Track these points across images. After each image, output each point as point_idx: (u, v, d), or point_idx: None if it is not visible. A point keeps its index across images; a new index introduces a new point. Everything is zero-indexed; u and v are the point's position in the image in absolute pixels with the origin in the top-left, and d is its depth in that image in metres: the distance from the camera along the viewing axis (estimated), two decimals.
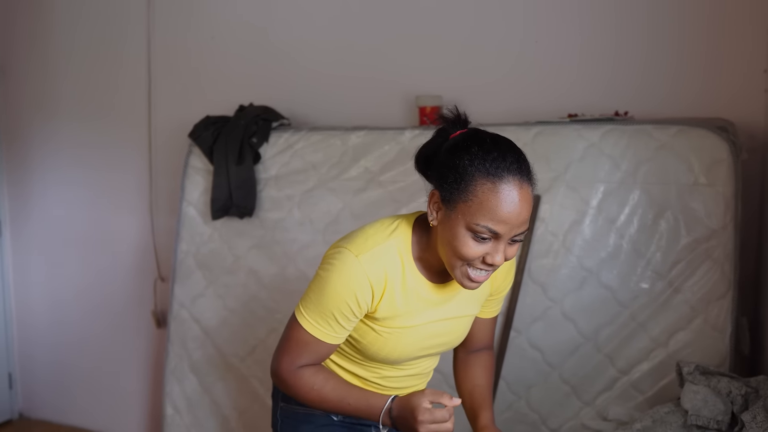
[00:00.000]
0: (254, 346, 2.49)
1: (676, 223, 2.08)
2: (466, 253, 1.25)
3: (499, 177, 1.20)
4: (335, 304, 1.32)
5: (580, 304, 2.12)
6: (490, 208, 1.20)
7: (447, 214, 1.26)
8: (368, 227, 1.39)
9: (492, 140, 1.26)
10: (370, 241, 1.34)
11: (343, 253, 1.32)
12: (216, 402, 2.56)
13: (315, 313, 1.33)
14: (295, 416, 1.53)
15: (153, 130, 3.18)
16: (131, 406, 3.43)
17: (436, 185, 1.29)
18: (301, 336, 1.35)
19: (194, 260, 2.65)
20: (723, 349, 2.02)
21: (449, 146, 1.29)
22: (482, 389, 1.56)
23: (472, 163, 1.22)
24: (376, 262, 1.32)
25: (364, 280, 1.31)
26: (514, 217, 1.21)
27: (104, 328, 3.45)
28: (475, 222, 1.21)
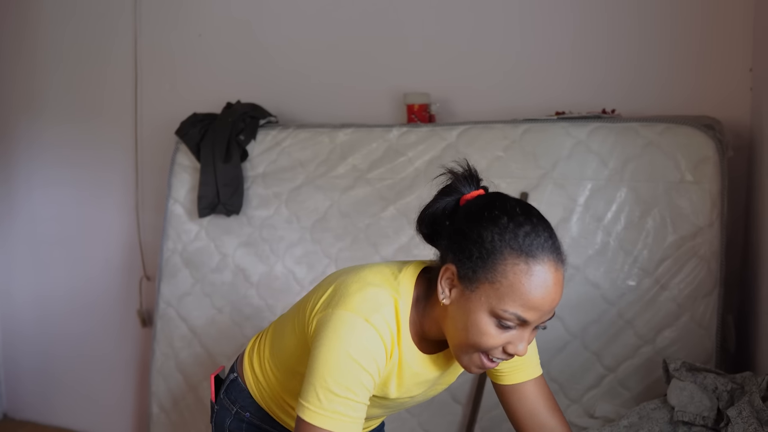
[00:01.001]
0: (242, 345, 2.48)
1: (662, 221, 2.08)
2: (486, 342, 1.08)
3: (534, 256, 1.04)
4: (352, 377, 1.09)
5: (568, 301, 2.12)
6: (521, 292, 1.03)
7: (465, 295, 1.08)
8: (366, 286, 1.16)
9: (522, 210, 1.09)
10: (373, 302, 1.13)
11: (346, 316, 1.11)
12: (203, 401, 2.54)
13: (328, 401, 1.08)
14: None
15: (140, 128, 3.16)
16: (117, 405, 3.41)
17: (453, 259, 1.10)
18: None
19: (181, 258, 2.63)
20: (709, 346, 2.03)
21: (468, 213, 1.11)
22: None
23: (502, 238, 1.05)
24: (384, 324, 1.12)
25: (377, 341, 1.11)
26: (547, 304, 1.06)
27: (90, 328, 3.42)
28: (503, 308, 1.04)
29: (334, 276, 1.28)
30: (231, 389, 1.43)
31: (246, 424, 1.40)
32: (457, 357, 1.15)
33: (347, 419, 1.09)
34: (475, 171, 1.18)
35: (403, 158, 2.36)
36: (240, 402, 1.41)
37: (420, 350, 1.20)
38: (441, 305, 1.14)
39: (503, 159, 2.24)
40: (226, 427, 1.41)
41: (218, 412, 1.45)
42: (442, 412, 2.23)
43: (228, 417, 1.42)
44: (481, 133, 2.29)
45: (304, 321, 1.23)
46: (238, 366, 1.45)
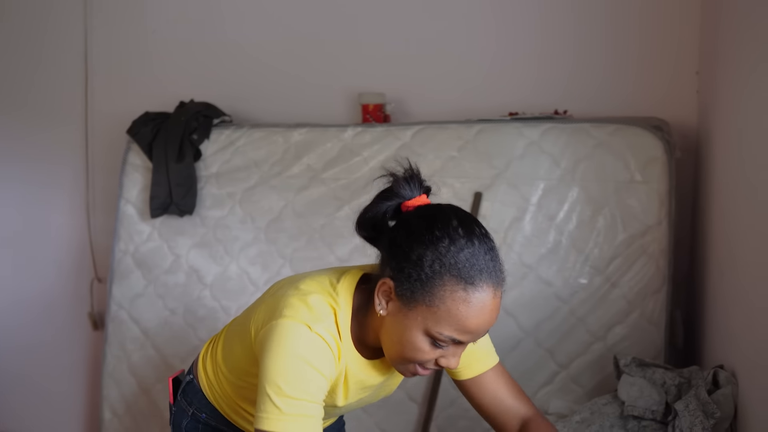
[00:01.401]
0: (196, 347, 2.44)
1: (613, 220, 2.13)
2: (419, 357, 1.09)
3: (473, 284, 1.03)
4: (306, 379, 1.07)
5: (521, 299, 2.15)
6: (458, 318, 1.03)
7: (401, 311, 1.08)
8: (306, 295, 1.14)
9: (463, 230, 1.06)
10: (314, 312, 1.11)
11: (290, 325, 1.09)
12: (156, 404, 2.50)
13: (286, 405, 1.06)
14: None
15: (90, 126, 3.09)
16: (67, 410, 3.33)
17: (391, 275, 1.09)
18: None
19: (133, 259, 2.58)
20: (658, 342, 2.08)
21: (408, 231, 1.09)
22: None
23: (442, 263, 1.03)
24: (327, 331, 1.11)
25: (324, 347, 1.10)
26: (482, 328, 1.06)
27: (38, 331, 3.33)
28: (438, 330, 1.05)
29: (275, 287, 1.27)
30: (187, 391, 1.41)
31: (202, 425, 1.39)
32: (392, 364, 1.16)
33: (307, 420, 1.07)
34: (418, 173, 1.16)
35: (358, 158, 2.35)
36: (196, 404, 1.39)
37: (362, 356, 1.20)
38: (378, 315, 1.13)
39: (457, 159, 2.25)
40: (182, 428, 1.40)
41: (176, 413, 1.43)
42: (398, 411, 2.24)
43: (185, 418, 1.40)
44: (435, 133, 2.30)
45: (249, 334, 1.21)
46: (194, 368, 1.43)
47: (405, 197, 1.14)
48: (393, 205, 1.14)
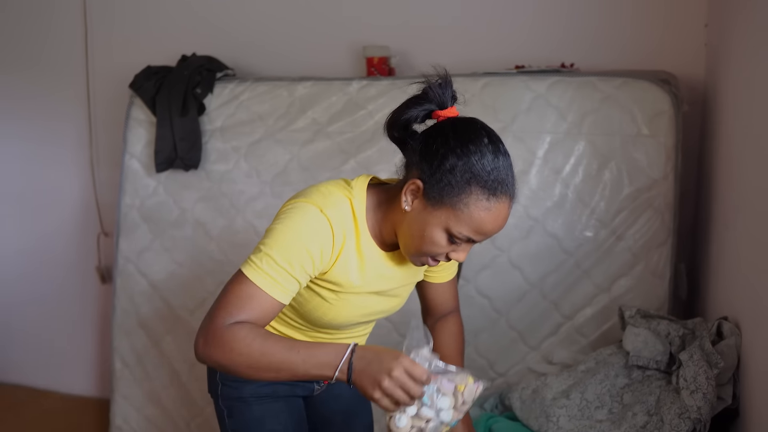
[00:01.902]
0: (203, 299, 2.47)
1: (619, 173, 2.13)
2: (435, 251, 1.22)
3: (495, 194, 1.16)
4: (294, 253, 1.19)
5: (527, 252, 2.17)
6: (478, 222, 1.16)
7: (426, 209, 1.19)
8: (323, 185, 1.29)
9: (493, 147, 1.18)
10: (330, 198, 1.25)
11: (304, 205, 1.23)
12: (166, 355, 2.54)
13: (267, 264, 1.18)
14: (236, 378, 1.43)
15: (91, 81, 3.07)
16: (78, 362, 3.39)
17: (421, 176, 1.19)
18: (244, 290, 1.19)
19: (139, 214, 2.59)
20: (662, 294, 2.10)
21: (443, 138, 1.19)
22: (451, 358, 1.48)
23: (472, 174, 1.15)
24: (338, 217, 1.24)
25: (327, 230, 1.22)
26: (495, 231, 1.20)
27: (47, 285, 3.37)
28: (458, 230, 1.17)
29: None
30: None
31: None
32: (406, 255, 1.28)
33: (276, 285, 1.19)
34: (451, 82, 1.25)
35: (363, 112, 2.35)
36: None
37: (379, 248, 1.32)
38: (401, 211, 1.24)
39: (463, 112, 2.22)
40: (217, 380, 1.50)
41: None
42: None
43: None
44: None
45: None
46: None
47: (437, 105, 1.24)
48: (425, 111, 1.24)
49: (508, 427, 1.73)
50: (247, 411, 1.48)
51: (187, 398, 2.52)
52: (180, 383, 2.52)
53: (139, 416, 2.61)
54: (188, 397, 2.51)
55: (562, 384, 1.79)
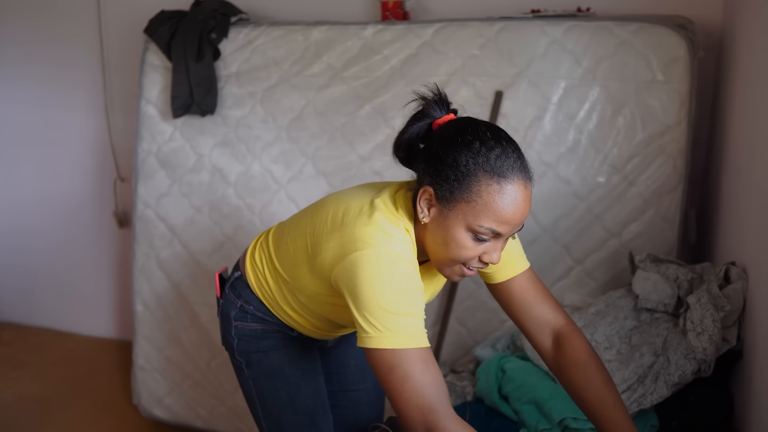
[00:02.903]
0: (222, 243, 2.53)
1: (633, 119, 2.14)
2: (465, 255, 1.19)
3: (505, 177, 1.13)
4: (408, 299, 1.15)
5: (539, 197, 2.19)
6: (495, 209, 1.13)
7: (443, 213, 1.18)
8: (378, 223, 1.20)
9: (491, 134, 1.17)
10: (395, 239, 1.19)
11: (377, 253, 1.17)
12: (185, 298, 2.61)
13: (392, 324, 1.12)
14: (253, 333, 1.51)
15: (104, 26, 3.07)
16: (100, 305, 3.48)
17: (430, 181, 1.19)
18: (401, 362, 1.11)
19: (156, 159, 2.63)
20: (672, 239, 2.14)
21: (441, 139, 1.19)
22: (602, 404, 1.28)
23: (476, 161, 1.14)
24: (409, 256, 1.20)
25: (414, 271, 1.19)
26: (518, 218, 1.16)
27: (65, 230, 3.43)
28: (479, 224, 1.15)
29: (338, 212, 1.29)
30: (235, 286, 1.53)
31: (250, 315, 1.51)
32: (440, 269, 1.25)
33: (415, 335, 1.14)
34: (445, 95, 1.25)
35: (379, 56, 2.35)
36: (244, 297, 1.51)
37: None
38: (422, 226, 1.23)
39: (478, 57, 2.25)
40: (231, 317, 1.52)
41: (223, 305, 1.55)
42: None
43: (233, 309, 1.52)
44: (456, 31, 2.28)
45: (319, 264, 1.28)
46: (242, 267, 1.54)
47: (435, 117, 1.24)
48: (425, 125, 1.25)
49: (520, 367, 1.78)
50: (266, 359, 1.52)
51: (207, 339, 2.60)
52: (200, 324, 2.60)
53: (160, 356, 2.70)
54: (208, 338, 2.59)
55: None
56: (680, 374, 1.56)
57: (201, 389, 2.64)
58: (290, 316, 1.47)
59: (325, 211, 1.33)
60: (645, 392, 1.59)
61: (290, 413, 1.52)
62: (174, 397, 2.69)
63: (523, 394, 1.69)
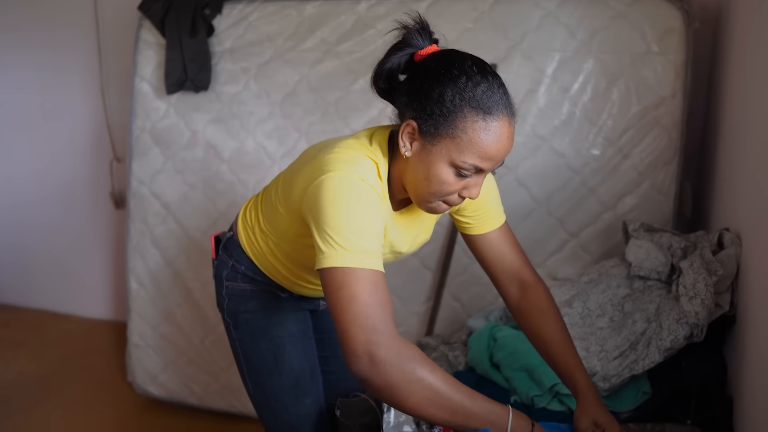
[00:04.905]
0: (216, 219, 2.52)
1: (627, 92, 2.13)
2: (446, 190, 1.17)
3: (491, 113, 1.11)
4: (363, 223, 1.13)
5: (534, 170, 2.19)
6: (479, 146, 1.12)
7: (426, 148, 1.16)
8: (346, 151, 1.20)
9: (478, 68, 1.14)
10: (362, 167, 1.18)
11: (342, 176, 1.15)
12: (179, 275, 2.61)
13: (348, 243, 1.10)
14: (243, 294, 1.52)
15: (99, 7, 3.06)
16: (95, 285, 3.48)
17: (413, 116, 1.16)
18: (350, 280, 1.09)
19: (150, 137, 2.62)
20: (667, 212, 2.13)
21: (426, 72, 1.16)
22: (557, 345, 1.35)
23: (462, 97, 1.11)
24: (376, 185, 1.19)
25: (376, 197, 1.18)
26: (501, 154, 1.14)
27: (62, 212, 3.43)
28: (462, 159, 1.13)
29: (308, 153, 1.33)
30: (228, 246, 1.55)
31: (240, 275, 1.52)
32: (419, 204, 1.24)
33: (370, 256, 1.11)
34: (427, 24, 1.21)
35: (373, 31, 2.34)
36: (235, 257, 1.52)
37: (392, 209, 1.30)
38: (403, 160, 1.22)
39: (472, 31, 2.23)
40: (223, 277, 1.54)
41: (217, 266, 1.57)
42: (413, 278, 2.33)
43: (225, 269, 1.54)
44: (450, 4, 2.27)
45: (292, 198, 1.28)
46: (234, 227, 1.56)
47: (417, 47, 1.20)
48: (406, 55, 1.21)
49: (512, 335, 1.78)
50: (253, 320, 1.52)
51: (201, 316, 2.59)
52: (193, 301, 2.59)
53: (154, 334, 2.69)
54: (202, 315, 2.59)
55: (565, 294, 1.84)
56: (672, 339, 1.55)
57: (195, 366, 2.64)
58: (278, 271, 1.47)
59: (301, 156, 1.36)
60: (637, 358, 1.58)
61: (275, 375, 1.52)
62: (168, 374, 2.69)
63: (514, 361, 1.68)
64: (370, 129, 1.31)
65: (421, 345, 2.11)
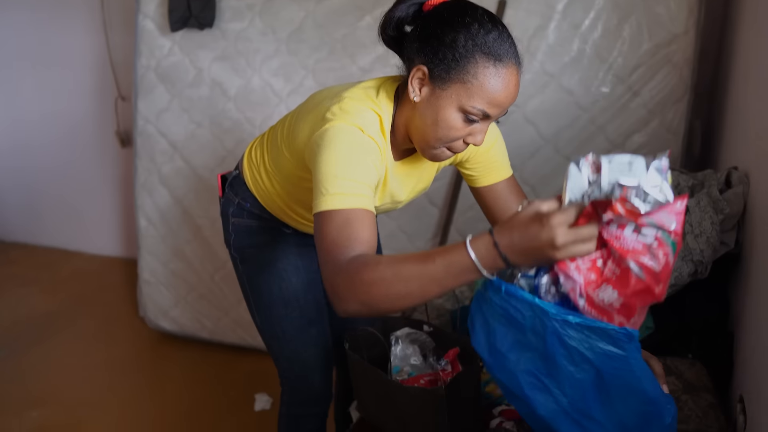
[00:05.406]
0: (223, 157, 2.52)
1: (639, 28, 2.09)
2: (452, 135, 1.18)
3: (501, 60, 1.13)
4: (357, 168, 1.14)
5: (542, 107, 2.17)
6: (489, 91, 1.13)
7: (435, 93, 1.17)
8: (347, 101, 1.22)
9: (488, 17, 1.16)
10: (364, 118, 1.20)
11: (343, 126, 1.17)
12: (188, 212, 2.63)
13: (338, 187, 1.11)
14: (249, 230, 1.55)
15: None
16: (104, 223, 3.51)
17: (424, 60, 1.17)
18: (336, 222, 1.09)
19: (155, 75, 2.60)
20: (676, 150, 2.12)
21: (439, 19, 1.17)
22: None
23: (474, 43, 1.13)
24: (377, 137, 1.21)
25: (375, 149, 1.19)
26: (509, 101, 1.16)
27: (68, 152, 3.44)
28: (471, 104, 1.14)
29: (315, 99, 1.35)
30: (234, 184, 1.57)
31: (246, 212, 1.55)
32: (423, 151, 1.25)
33: (358, 197, 1.12)
34: None
35: None
36: (241, 194, 1.54)
37: (394, 158, 1.32)
38: (410, 106, 1.23)
39: None
40: (229, 214, 1.56)
41: (224, 203, 1.59)
42: (419, 215, 2.34)
43: (231, 206, 1.56)
44: None
45: (296, 143, 1.31)
46: (240, 165, 1.58)
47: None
48: (415, 5, 1.22)
49: None
50: (259, 254, 1.56)
51: (210, 252, 2.62)
52: (203, 238, 2.62)
53: (165, 270, 2.73)
54: (211, 251, 2.62)
55: None
56: (677, 276, 1.56)
57: (206, 301, 2.69)
58: (282, 210, 1.49)
59: (308, 101, 1.37)
60: None
61: (281, 306, 1.56)
62: (179, 309, 2.74)
63: None
64: (378, 79, 1.31)
65: None
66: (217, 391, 2.50)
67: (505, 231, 0.94)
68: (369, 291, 1.01)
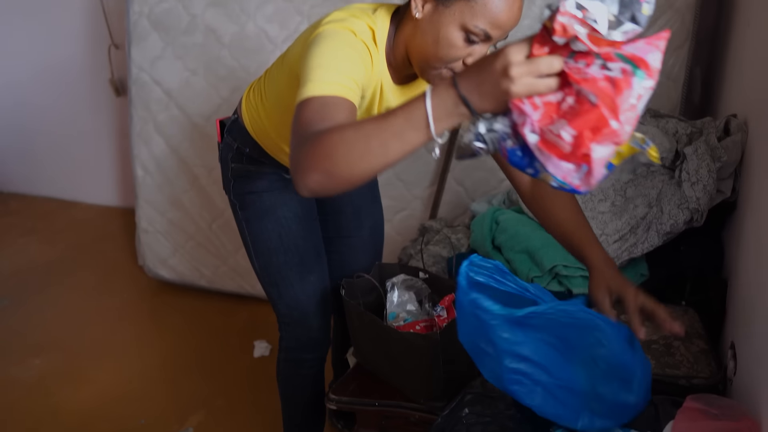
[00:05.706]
0: (219, 105, 2.50)
1: None
2: (454, 54, 1.17)
3: None
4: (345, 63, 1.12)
5: None
6: (493, 11, 1.11)
7: (438, 10, 1.16)
8: (344, 11, 1.23)
9: None
10: (357, 25, 1.20)
11: (336, 29, 1.17)
12: (185, 161, 2.62)
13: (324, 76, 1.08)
14: (248, 175, 1.55)
15: None
16: (100, 173, 3.50)
17: None
18: (314, 105, 1.04)
19: (149, 21, 2.56)
20: (675, 97, 2.10)
21: None
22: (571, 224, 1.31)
23: None
24: (369, 43, 1.21)
25: (365, 51, 1.20)
26: (511, 23, 1.14)
27: (63, 101, 3.41)
28: (474, 24, 1.12)
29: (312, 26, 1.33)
30: (232, 129, 1.56)
31: (245, 157, 1.54)
32: (423, 72, 1.23)
33: (342, 88, 1.08)
34: None
35: None
36: (240, 139, 1.54)
37: (393, 81, 1.31)
38: (411, 25, 1.21)
39: None
40: (228, 159, 1.56)
41: (222, 149, 1.59)
42: (417, 163, 2.34)
43: (230, 152, 1.56)
44: None
45: (291, 60, 1.31)
46: (239, 109, 1.57)
47: None
48: None
49: (514, 218, 1.80)
50: (258, 200, 1.55)
51: (207, 201, 2.62)
52: (200, 187, 2.62)
53: (162, 219, 2.74)
54: (208, 200, 2.62)
55: None
56: (672, 223, 1.57)
57: (204, 250, 2.70)
58: (282, 150, 1.48)
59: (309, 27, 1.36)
60: (636, 241, 1.61)
61: (281, 253, 1.56)
62: (178, 257, 2.75)
63: (515, 243, 1.71)
64: (376, 3, 1.31)
65: (425, 228, 2.15)
66: (216, 339, 2.53)
67: (465, 71, 0.88)
68: (330, 154, 0.94)
